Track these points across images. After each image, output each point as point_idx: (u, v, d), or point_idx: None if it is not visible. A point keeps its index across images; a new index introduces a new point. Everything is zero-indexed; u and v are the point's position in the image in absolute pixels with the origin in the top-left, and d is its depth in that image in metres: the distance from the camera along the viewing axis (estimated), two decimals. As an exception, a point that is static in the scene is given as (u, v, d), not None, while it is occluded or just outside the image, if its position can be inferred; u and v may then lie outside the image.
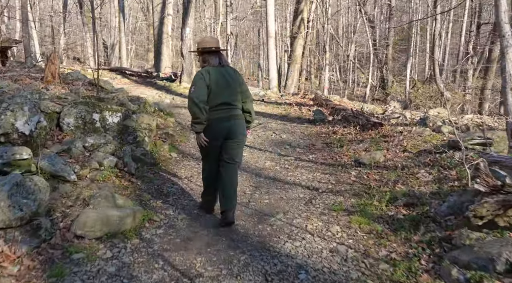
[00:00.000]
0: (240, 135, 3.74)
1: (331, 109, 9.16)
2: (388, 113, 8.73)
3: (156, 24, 17.00)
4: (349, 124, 7.70)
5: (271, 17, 14.00)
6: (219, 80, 3.59)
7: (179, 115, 9.35)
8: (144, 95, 11.82)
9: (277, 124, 8.75)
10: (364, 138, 6.63)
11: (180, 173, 5.32)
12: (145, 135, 5.52)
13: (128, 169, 4.64)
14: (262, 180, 5.19)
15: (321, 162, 5.94)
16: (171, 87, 13.48)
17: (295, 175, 5.42)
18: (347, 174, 5.21)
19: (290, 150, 6.81)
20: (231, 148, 3.73)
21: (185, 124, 8.43)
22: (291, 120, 9.03)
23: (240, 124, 3.73)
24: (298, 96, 12.32)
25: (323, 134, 7.58)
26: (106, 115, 5.29)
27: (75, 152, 4.54)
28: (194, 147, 6.79)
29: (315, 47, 30.09)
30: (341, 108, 8.76)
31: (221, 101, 3.60)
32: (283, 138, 7.56)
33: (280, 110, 10.22)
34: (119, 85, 13.89)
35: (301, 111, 9.81)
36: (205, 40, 3.78)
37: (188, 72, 13.51)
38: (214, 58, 3.70)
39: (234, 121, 3.68)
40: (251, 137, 7.62)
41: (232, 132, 3.67)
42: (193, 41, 13.49)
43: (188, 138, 7.30)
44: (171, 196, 4.46)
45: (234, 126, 3.67)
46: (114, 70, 16.11)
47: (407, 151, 5.49)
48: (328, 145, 6.84)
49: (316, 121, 8.42)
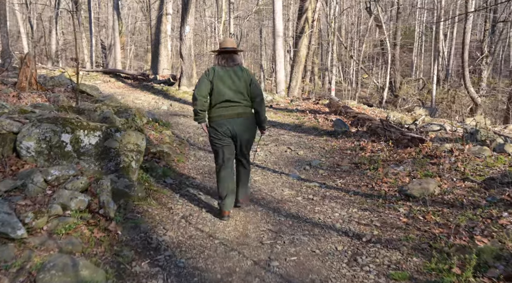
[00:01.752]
0: (245, 133, 3.83)
1: (352, 118, 7.95)
2: (419, 123, 7.50)
3: (153, 22, 15.78)
4: (378, 138, 6.49)
5: (279, 14, 12.80)
6: (224, 78, 3.73)
7: (177, 125, 8.14)
8: (139, 101, 10.64)
9: (290, 136, 7.54)
10: (402, 158, 5.40)
11: (176, 209, 4.11)
12: (132, 160, 4.31)
13: (105, 211, 3.42)
14: (282, 220, 3.98)
15: (353, 190, 4.72)
16: (169, 92, 12.28)
17: (323, 210, 4.20)
18: (394, 212, 3.99)
19: (311, 171, 5.59)
20: (238, 146, 3.90)
21: (184, 137, 7.23)
22: (306, 132, 7.82)
23: (244, 122, 3.81)
24: (311, 102, 11.11)
25: (348, 150, 6.36)
26: (80, 136, 4.07)
27: (32, 190, 3.33)
28: (194, 168, 5.60)
29: (317, 48, 29.09)
30: (365, 117, 7.55)
31: (224, 98, 3.72)
32: (300, 155, 6.34)
33: (292, 119, 9.00)
34: (112, 89, 12.72)
35: (317, 120, 8.59)
36: (224, 41, 3.94)
37: (188, 75, 12.31)
38: (222, 58, 3.82)
39: (238, 120, 3.77)
40: (262, 153, 6.42)
41: (237, 130, 3.78)
42: (193, 41, 12.28)
43: (187, 156, 6.09)
44: (162, 252, 3.24)
45: (238, 124, 3.77)
46: (108, 73, 14.92)
47: (469, 179, 4.27)
48: (357, 165, 5.62)
49: (337, 134, 7.21)
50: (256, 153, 6.46)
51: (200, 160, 6.04)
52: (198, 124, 4.00)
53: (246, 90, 3.77)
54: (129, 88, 13.07)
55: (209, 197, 4.55)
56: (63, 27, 35.89)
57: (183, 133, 7.59)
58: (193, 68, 12.39)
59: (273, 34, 13.42)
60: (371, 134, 6.79)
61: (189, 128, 8.02)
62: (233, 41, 4.02)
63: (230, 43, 3.90)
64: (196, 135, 7.51)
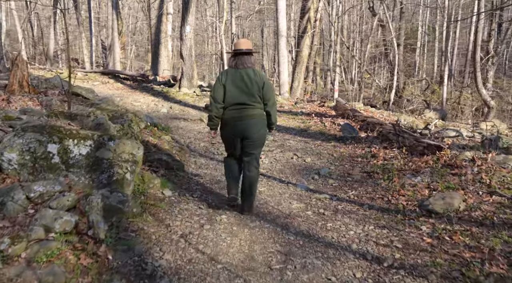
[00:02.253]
0: (255, 134, 3.82)
1: (361, 122, 7.56)
2: (432, 127, 7.12)
3: (153, 22, 15.39)
4: (390, 144, 6.10)
5: (282, 13, 12.42)
6: (236, 81, 3.76)
7: (177, 130, 7.77)
8: (138, 103, 10.27)
9: (296, 141, 7.15)
10: (418, 167, 5.01)
11: (174, 226, 3.72)
12: (127, 171, 3.93)
13: (94, 232, 3.05)
14: (292, 239, 3.59)
15: (367, 203, 4.34)
16: (170, 93, 11.90)
17: (337, 227, 3.82)
18: (416, 230, 3.61)
19: (321, 181, 5.21)
20: (247, 147, 3.90)
21: (184, 142, 6.85)
22: (313, 137, 7.43)
23: (255, 124, 3.81)
24: (316, 104, 10.72)
25: (358, 158, 5.98)
26: (69, 146, 3.70)
27: (11, 209, 2.96)
28: (195, 178, 5.22)
29: (319, 48, 28.80)
30: (375, 122, 7.16)
31: (236, 101, 3.77)
32: (307, 163, 5.96)
33: (297, 123, 8.62)
34: (111, 91, 12.35)
35: (323, 124, 8.20)
36: (238, 42, 3.91)
37: (189, 76, 11.93)
38: (235, 60, 3.84)
39: (249, 121, 3.78)
40: (267, 161, 6.05)
41: (247, 131, 3.80)
42: (194, 41, 11.90)
43: (187, 164, 5.72)
44: (158, 280, 2.85)
45: (248, 126, 3.79)
46: (106, 74, 14.55)
47: (497, 193, 3.88)
48: (369, 174, 5.23)
49: (346, 139, 6.83)
50: (261, 159, 6.09)
51: (201, 168, 5.66)
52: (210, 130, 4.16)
53: (258, 93, 3.78)
54: (128, 90, 12.69)
55: (211, 210, 4.17)
56: (63, 27, 35.58)
57: (184, 138, 7.22)
58: (194, 69, 12.01)
59: (276, 34, 13.04)
60: (382, 140, 6.41)
61: (189, 133, 7.65)
62: (248, 42, 3.97)
63: (245, 45, 3.88)
64: (197, 140, 7.13)
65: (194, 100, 11.25)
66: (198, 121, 8.66)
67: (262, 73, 3.96)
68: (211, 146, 6.83)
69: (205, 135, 7.50)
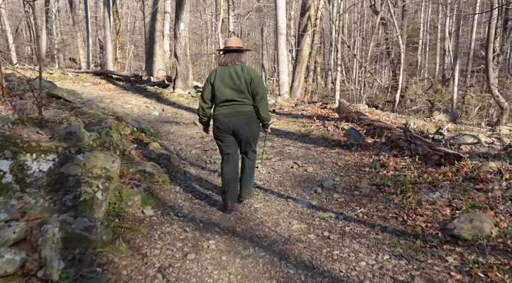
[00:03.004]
0: (245, 131, 3.86)
1: (367, 126, 6.97)
2: (444, 131, 6.52)
3: (147, 20, 14.78)
4: (401, 152, 5.51)
5: (282, 10, 11.82)
6: (224, 78, 3.79)
7: (168, 135, 7.18)
8: (129, 105, 9.68)
9: (296, 148, 6.55)
10: (435, 179, 4.41)
11: (152, 257, 3.12)
12: (97, 190, 3.33)
13: (46, 272, 2.46)
14: (291, 273, 3.00)
15: (379, 224, 3.74)
16: (163, 95, 11.31)
17: (345, 257, 3.22)
18: (440, 262, 3.01)
19: (324, 195, 4.61)
20: (240, 143, 3.96)
21: (174, 149, 6.26)
22: (315, 142, 6.83)
23: (245, 120, 3.84)
24: (317, 105, 10.12)
25: (365, 167, 5.37)
26: (26, 161, 3.11)
27: None
28: (183, 192, 4.63)
29: (320, 47, 28.30)
30: (382, 126, 6.57)
31: (225, 98, 3.79)
32: (309, 173, 5.36)
33: (297, 127, 8.02)
34: (102, 92, 11.77)
35: (326, 128, 7.60)
36: (229, 40, 3.94)
37: (183, 76, 11.34)
38: (223, 58, 3.87)
39: (239, 118, 3.81)
40: (264, 171, 5.45)
41: (237, 128, 3.83)
42: (189, 39, 11.31)
43: (175, 175, 5.12)
44: None
45: (238, 122, 3.82)
46: (99, 74, 13.96)
47: (534, 216, 3.28)
48: (379, 187, 4.63)
49: (351, 145, 6.23)
50: (257, 169, 5.50)
51: (190, 180, 5.06)
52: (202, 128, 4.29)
53: (247, 89, 3.79)
54: (120, 91, 12.10)
55: (197, 234, 3.58)
56: (60, 27, 35.03)
57: (174, 144, 6.62)
58: (189, 69, 11.42)
59: (275, 32, 12.45)
60: (391, 147, 5.81)
61: (181, 138, 7.06)
62: (238, 40, 3.98)
63: (235, 43, 3.91)
64: (189, 147, 6.54)
65: (189, 102, 10.66)
66: (191, 125, 8.06)
67: (251, 69, 3.93)
68: (203, 153, 6.24)
69: (197, 141, 6.91)
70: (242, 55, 3.91)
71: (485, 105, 22.98)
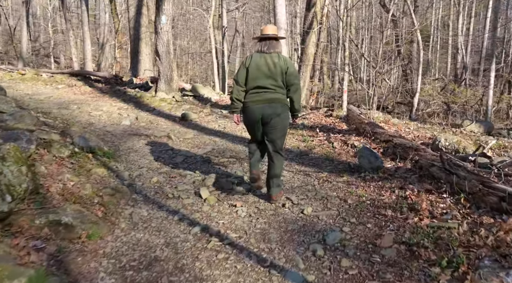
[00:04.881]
0: (274, 119, 3.74)
1: (384, 143, 5.39)
2: (487, 151, 4.90)
3: (131, 14, 13.26)
4: (436, 185, 3.93)
5: (281, 1, 10.24)
6: (259, 65, 3.75)
7: (129, 154, 5.67)
8: (98, 112, 8.17)
9: (292, 173, 4.98)
10: (502, 241, 2.83)
11: None
12: None
13: None
14: None
15: None
16: (143, 99, 9.80)
17: None
18: None
19: (328, 262, 3.03)
20: (268, 133, 3.84)
21: (130, 176, 4.73)
22: (317, 165, 5.25)
23: (275, 108, 3.74)
24: (321, 112, 8.53)
25: (387, 209, 3.78)
26: None
27: None
28: (116, 255, 3.09)
29: (326, 46, 26.89)
30: (405, 144, 4.98)
31: (257, 84, 3.75)
32: (307, 216, 3.79)
33: (296, 141, 6.44)
34: (74, 96, 10.32)
35: (331, 144, 6.01)
36: (265, 28, 3.88)
37: (166, 78, 9.82)
38: (261, 45, 3.82)
39: (269, 105, 3.73)
40: (243, 212, 3.90)
41: (266, 115, 3.74)
42: (171, 34, 9.77)
43: (114, 222, 3.58)
44: None
45: (267, 110, 3.73)
46: (76, 75, 12.49)
47: None
48: (411, 249, 3.05)
49: (365, 171, 4.64)
50: (234, 209, 3.96)
51: (136, 229, 3.52)
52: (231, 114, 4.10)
53: (281, 78, 3.75)
54: (95, 95, 10.60)
55: None
56: (59, 25, 33.72)
57: (132, 168, 5.08)
58: (173, 69, 9.88)
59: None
60: (421, 176, 4.23)
61: (145, 158, 5.52)
62: (274, 28, 3.93)
63: (271, 30, 3.87)
64: (151, 171, 5.00)
65: (171, 107, 9.13)
66: (165, 139, 6.53)
67: (288, 58, 3.86)
68: (167, 181, 4.70)
69: (165, 162, 5.37)
70: (278, 43, 3.85)
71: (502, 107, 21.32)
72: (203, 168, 5.15)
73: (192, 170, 5.07)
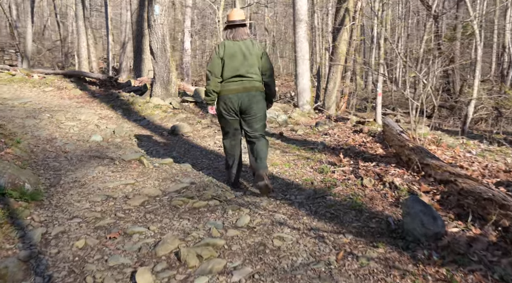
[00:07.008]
0: (253, 107, 3.70)
1: (442, 187, 3.48)
2: None
3: (133, 8, 11.76)
4: None
5: (301, -13, 8.42)
6: (234, 53, 3.66)
7: (69, 191, 4.07)
8: (72, 123, 6.64)
9: (298, 233, 3.17)
10: None
11: None
12: None
13: None
14: None
15: None
16: (135, 105, 8.24)
17: None
18: None
19: None
20: (248, 122, 3.77)
21: (42, 239, 3.08)
22: (336, 217, 3.41)
23: (254, 96, 3.70)
24: (349, 125, 6.65)
25: None
26: None
27: None
28: None
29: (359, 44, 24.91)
30: (479, 192, 3.07)
31: (234, 73, 3.68)
32: None
33: (310, 172, 4.60)
34: (59, 100, 8.92)
35: (361, 181, 4.11)
36: (231, 13, 3.76)
37: (163, 80, 8.21)
38: (231, 32, 3.74)
39: (248, 94, 3.68)
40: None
41: (245, 104, 3.68)
42: (167, 28, 8.13)
43: None
44: None
45: (245, 98, 3.67)
46: (69, 76, 11.15)
47: None
48: None
49: (416, 241, 2.79)
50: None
51: None
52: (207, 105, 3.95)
53: (258, 64, 3.71)
54: (84, 99, 9.14)
55: None
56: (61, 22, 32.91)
57: (59, 217, 3.42)
58: (171, 70, 8.25)
59: (293, 17, 9.03)
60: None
61: (88, 198, 3.85)
62: (241, 12, 3.80)
63: (238, 16, 3.76)
64: (84, 225, 3.32)
65: (164, 117, 7.51)
66: (134, 164, 4.88)
67: (260, 44, 3.82)
68: (100, 246, 3.01)
69: (114, 206, 3.70)
70: (246, 28, 3.77)
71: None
72: (165, 220, 3.44)
73: (146, 223, 3.37)
